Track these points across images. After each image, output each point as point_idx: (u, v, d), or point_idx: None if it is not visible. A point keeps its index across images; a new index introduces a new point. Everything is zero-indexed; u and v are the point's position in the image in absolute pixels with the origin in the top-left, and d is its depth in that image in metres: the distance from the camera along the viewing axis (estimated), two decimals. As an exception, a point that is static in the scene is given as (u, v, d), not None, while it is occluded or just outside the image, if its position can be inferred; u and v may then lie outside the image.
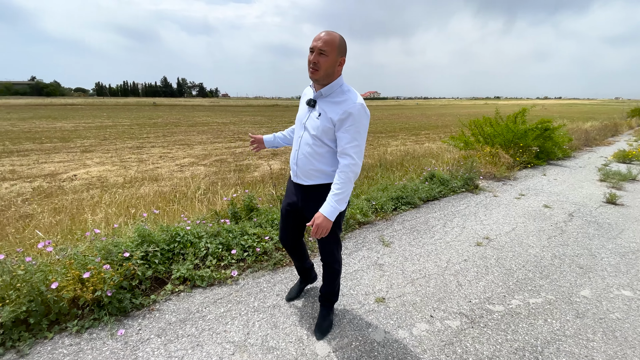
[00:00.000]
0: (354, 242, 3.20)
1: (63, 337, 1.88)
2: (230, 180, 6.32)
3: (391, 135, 16.17)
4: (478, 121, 7.62)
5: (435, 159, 7.28)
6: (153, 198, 4.76)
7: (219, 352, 1.80)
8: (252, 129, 17.96)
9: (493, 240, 3.28)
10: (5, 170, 7.83)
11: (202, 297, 2.27)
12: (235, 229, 2.88)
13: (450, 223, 3.74)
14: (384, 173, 6.20)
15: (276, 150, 11.25)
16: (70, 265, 2.01)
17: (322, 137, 1.59)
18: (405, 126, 21.67)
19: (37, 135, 14.02)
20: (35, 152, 10.25)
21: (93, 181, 6.79)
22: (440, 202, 4.50)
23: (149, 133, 15.53)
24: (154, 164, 8.63)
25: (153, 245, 2.42)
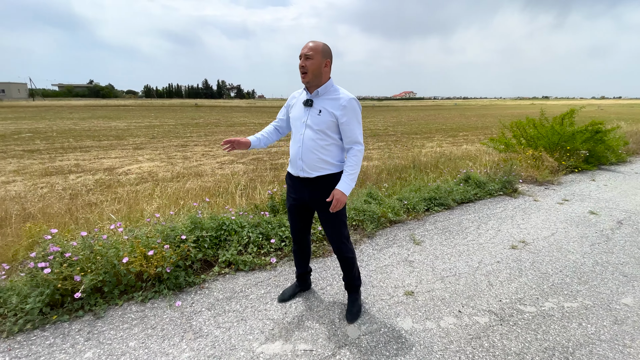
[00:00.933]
0: (385, 239, 3.31)
1: (130, 304, 2.21)
2: (266, 178, 6.66)
3: (426, 137, 15.82)
4: (520, 122, 7.31)
5: (472, 161, 7.11)
6: (198, 192, 5.19)
7: (261, 326, 2.02)
8: (287, 129, 18.49)
9: (529, 244, 3.22)
10: (71, 164, 8.83)
11: (244, 280, 2.52)
12: (273, 220, 3.12)
13: (484, 225, 3.71)
14: (417, 175, 6.19)
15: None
16: (137, 244, 2.34)
17: (326, 131, 1.82)
18: (441, 127, 21.04)
19: (96, 134, 15.53)
20: (95, 149, 11.41)
21: (145, 175, 7.47)
22: (476, 205, 4.44)
23: (192, 132, 16.57)
24: (198, 161, 9.25)
25: (204, 231, 2.72)
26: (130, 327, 2.00)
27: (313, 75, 1.77)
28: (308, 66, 1.75)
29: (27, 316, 1.96)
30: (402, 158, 9.24)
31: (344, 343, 1.89)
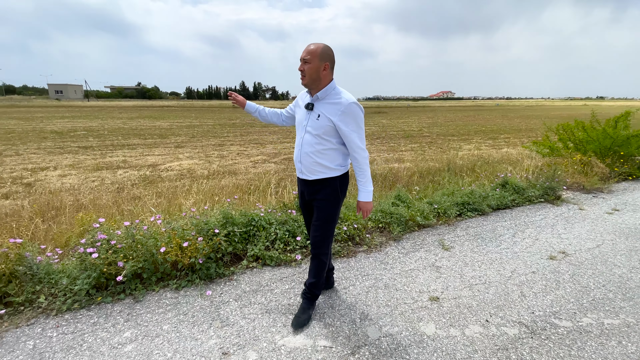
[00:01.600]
0: (412, 243, 3.25)
1: (166, 291, 2.39)
2: (295, 178, 6.78)
3: (464, 139, 15.19)
4: (568, 125, 6.79)
5: (513, 165, 6.73)
6: (232, 189, 5.42)
7: (284, 320, 2.09)
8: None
9: (570, 256, 3.00)
10: (119, 160, 9.59)
11: (270, 274, 2.61)
12: (300, 219, 3.19)
13: (521, 233, 3.51)
14: (452, 178, 5.98)
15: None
16: (174, 236, 2.52)
17: (324, 136, 1.81)
18: (481, 129, 20.07)
19: (142, 132, 16.71)
20: (140, 146, 12.28)
21: (184, 172, 7.93)
22: (513, 212, 4.21)
23: (229, 132, 17.28)
24: (233, 160, 9.64)
25: (234, 226, 2.85)
26: (165, 311, 2.16)
27: (311, 79, 1.77)
28: (306, 70, 1.75)
29: (75, 296, 2.19)
30: (436, 160, 8.97)
31: (364, 343, 1.91)
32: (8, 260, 2.22)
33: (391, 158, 10.33)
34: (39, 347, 1.82)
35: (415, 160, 9.65)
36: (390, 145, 13.19)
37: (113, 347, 1.84)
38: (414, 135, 16.89)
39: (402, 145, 13.18)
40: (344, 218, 3.39)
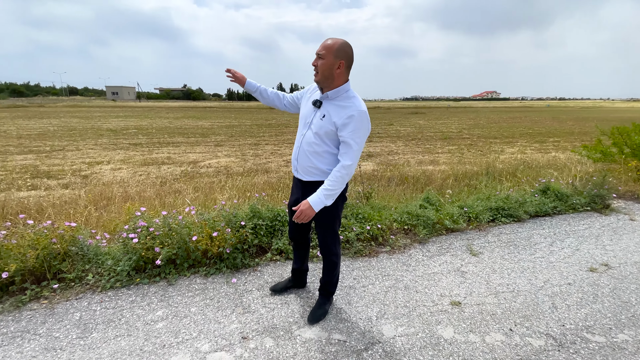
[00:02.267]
0: (438, 247, 3.17)
1: (196, 277, 2.57)
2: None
3: (507, 142, 14.33)
4: (624, 128, 6.17)
5: (559, 171, 6.26)
6: (262, 186, 5.63)
7: (301, 312, 2.16)
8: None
9: (613, 269, 2.76)
10: (164, 156, 10.31)
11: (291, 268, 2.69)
12: (324, 217, 3.25)
13: (559, 243, 3.28)
14: (490, 183, 5.71)
15: (372, 152, 11.46)
16: (205, 226, 2.70)
17: (324, 138, 1.70)
18: (527, 131, 18.79)
19: (186, 131, 17.79)
20: (183, 144, 13.09)
21: (221, 169, 8.35)
22: (553, 219, 3.94)
23: (265, 132, 17.83)
24: (266, 159, 9.96)
25: (260, 220, 2.99)
26: (194, 295, 2.33)
27: (323, 76, 1.65)
28: (319, 66, 1.63)
29: (117, 276, 2.44)
30: (474, 164, 8.59)
31: (378, 340, 1.92)
32: (63, 241, 2.52)
33: (425, 160, 10.05)
34: (84, 318, 2.07)
35: (452, 163, 9.31)
36: (426, 147, 12.82)
37: (146, 323, 2.03)
38: (453, 137, 16.24)
39: (439, 147, 12.75)
40: (368, 217, 3.39)
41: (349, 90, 1.72)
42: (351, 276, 2.61)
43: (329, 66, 1.63)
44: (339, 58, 1.63)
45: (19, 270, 2.27)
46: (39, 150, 10.73)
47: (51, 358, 1.74)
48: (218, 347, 1.85)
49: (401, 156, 10.90)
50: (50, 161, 9.24)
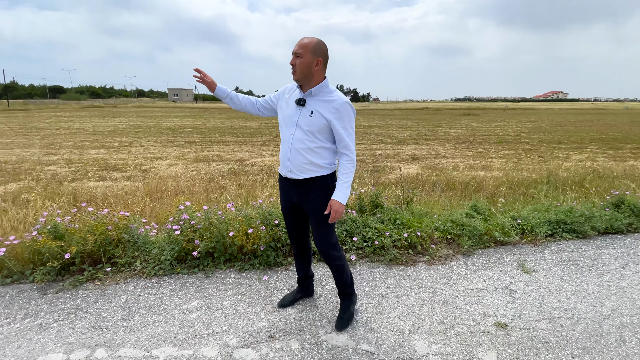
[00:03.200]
0: (484, 260, 2.91)
1: (231, 271, 2.64)
2: (365, 179, 6.71)
3: (574, 147, 12.83)
4: None
5: (638, 182, 5.43)
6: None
7: (329, 317, 2.11)
8: (396, 132, 18.04)
9: None
10: (214, 154, 10.93)
11: (324, 270, 2.65)
12: (359, 220, 3.16)
13: (634, 266, 2.81)
14: (551, 192, 5.14)
15: (416, 155, 11.00)
16: (242, 222, 2.77)
17: (316, 133, 1.73)
18: (600, 137, 16.65)
19: (235, 131, 18.72)
20: (232, 143, 13.78)
21: (264, 168, 8.62)
22: (627, 238, 3.40)
23: (308, 132, 18.11)
24: (308, 159, 10.10)
25: (294, 220, 2.99)
26: (227, 289, 2.40)
27: (302, 74, 1.69)
28: (297, 64, 1.67)
29: (161, 265, 2.60)
30: (533, 171, 7.83)
31: (409, 357, 1.79)
32: (117, 229, 2.76)
33: (476, 165, 9.39)
34: (129, 301, 2.23)
35: (506, 169, 8.57)
36: (478, 151, 11.99)
37: (182, 312, 2.13)
38: (509, 140, 14.98)
39: (493, 152, 11.84)
40: (407, 224, 3.23)
41: (329, 86, 1.78)
42: (385, 284, 2.49)
43: (307, 64, 1.67)
44: (317, 56, 1.68)
45: (79, 253, 2.53)
46: (109, 146, 12.02)
47: (97, 336, 1.90)
48: (245, 344, 1.87)
49: (449, 160, 10.31)
50: (117, 156, 10.29)
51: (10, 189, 5.63)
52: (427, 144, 13.84)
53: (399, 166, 8.95)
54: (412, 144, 13.89)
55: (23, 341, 1.84)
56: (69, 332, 1.92)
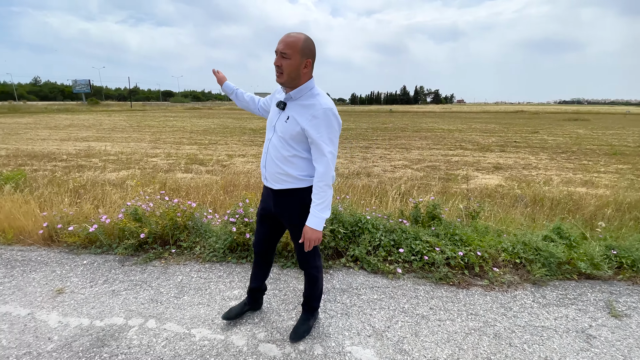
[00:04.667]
0: (560, 295, 2.43)
1: (274, 266, 2.74)
2: (432, 187, 6.26)
3: None
4: None
5: None
6: (360, 189, 5.59)
7: (359, 328, 2.02)
8: (480, 138, 16.37)
9: None
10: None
11: (364, 279, 2.56)
12: (410, 230, 2.96)
13: None
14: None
15: (500, 164, 9.82)
16: (286, 221, 2.86)
17: (290, 141, 1.57)
18: None
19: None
20: (303, 143, 14.37)
21: (329, 169, 8.77)
22: None
23: (378, 136, 17.72)
24: (373, 163, 9.87)
25: (340, 224, 2.96)
26: (267, 283, 2.50)
27: (289, 77, 1.52)
28: (284, 66, 1.49)
29: (215, 252, 2.85)
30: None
31: (439, 389, 1.60)
32: (184, 216, 3.12)
33: (576, 180, 7.95)
34: (183, 282, 2.50)
35: (616, 186, 7.05)
36: (582, 164, 10.14)
37: (223, 299, 2.30)
38: (627, 152, 12.28)
39: (601, 165, 9.89)
40: (466, 241, 2.90)
41: (314, 88, 1.59)
42: (428, 305, 2.28)
43: (296, 66, 1.50)
44: (306, 57, 1.50)
45: (152, 234, 2.94)
46: (200, 143, 13.72)
47: (152, 308, 2.18)
48: (271, 339, 1.92)
49: (541, 172, 8.95)
50: (205, 152, 11.66)
51: (120, 175, 6.87)
52: (516, 152, 12.25)
53: (475, 175, 8.14)
54: (497, 152, 12.46)
55: (97, 303, 2.23)
56: (132, 301, 2.25)
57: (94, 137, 14.76)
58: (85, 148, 11.37)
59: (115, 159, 9.48)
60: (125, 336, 1.93)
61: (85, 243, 3.00)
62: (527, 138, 16.82)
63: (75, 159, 9.25)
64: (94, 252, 2.92)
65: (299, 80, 1.55)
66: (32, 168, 7.68)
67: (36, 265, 2.73)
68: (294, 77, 1.53)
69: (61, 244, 3.05)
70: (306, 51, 1.50)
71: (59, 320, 2.06)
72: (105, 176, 6.65)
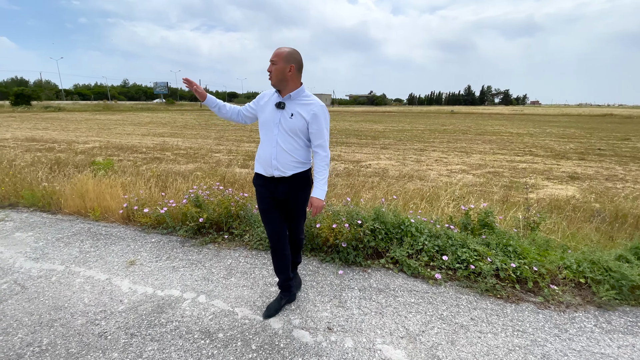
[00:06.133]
0: (629, 321, 2.13)
1: (314, 260, 2.85)
2: (492, 195, 5.83)
3: None
4: None
5: None
6: (411, 193, 5.44)
7: (392, 328, 2.02)
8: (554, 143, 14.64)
9: None
10: (335, 154, 11.67)
11: (402, 282, 2.53)
12: (456, 237, 2.83)
13: None
14: None
15: (580, 174, 8.71)
16: (329, 217, 2.95)
17: (298, 133, 1.92)
18: None
19: (360, 134, 19.36)
20: (354, 145, 14.33)
21: (379, 171, 8.64)
22: None
23: (435, 138, 16.89)
24: (427, 166, 9.48)
25: (383, 224, 2.95)
26: (306, 274, 2.62)
27: (277, 80, 1.87)
28: (272, 71, 1.85)
29: (261, 241, 3.05)
30: None
31: (471, 400, 1.54)
32: (237, 206, 3.39)
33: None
34: (232, 265, 2.73)
35: None
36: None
37: (265, 284, 2.47)
38: None
39: None
40: (521, 253, 2.69)
41: (305, 91, 1.96)
42: (469, 315, 2.18)
43: (281, 70, 1.85)
44: (289, 62, 1.84)
45: (209, 220, 3.26)
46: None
47: (203, 285, 2.44)
48: (305, 327, 2.02)
49: (628, 185, 7.75)
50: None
51: (188, 168, 7.64)
52: (599, 161, 10.74)
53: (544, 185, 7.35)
54: (575, 160, 11.06)
55: (159, 276, 2.55)
56: (187, 277, 2.54)
57: (168, 133, 16.56)
58: (161, 143, 12.82)
59: (185, 153, 10.54)
60: (180, 306, 2.20)
61: (154, 224, 3.44)
62: (614, 145, 14.59)
63: (152, 152, 10.50)
64: (160, 232, 3.33)
65: (286, 82, 1.89)
66: (118, 158, 8.93)
67: (115, 239, 3.21)
68: (281, 79, 1.88)
69: (135, 223, 3.55)
70: (290, 58, 1.85)
71: (129, 286, 2.42)
72: (175, 168, 7.46)
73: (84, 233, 3.36)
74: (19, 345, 1.86)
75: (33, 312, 2.14)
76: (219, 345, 1.87)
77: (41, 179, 4.89)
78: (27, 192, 4.24)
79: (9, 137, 12.99)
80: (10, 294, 2.33)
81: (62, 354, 1.80)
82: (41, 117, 27.09)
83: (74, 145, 11.17)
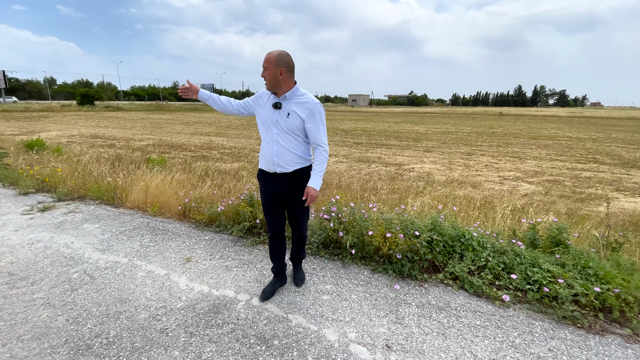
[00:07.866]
0: None
1: (365, 269, 2.73)
2: (555, 206, 5.30)
3: None
4: None
5: None
6: (462, 200, 5.11)
7: (459, 352, 1.85)
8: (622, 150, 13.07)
9: None
10: (375, 156, 11.41)
11: (464, 300, 2.33)
12: (525, 255, 2.56)
13: None
14: None
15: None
16: (381, 224, 2.82)
17: (295, 131, 2.02)
18: None
19: (400, 135, 18.81)
20: (395, 147, 13.93)
21: (423, 175, 8.28)
22: None
23: (484, 142, 15.90)
24: (477, 171, 8.91)
25: (441, 236, 2.76)
26: (358, 284, 2.51)
27: (270, 84, 1.96)
28: (266, 76, 1.95)
29: (310, 245, 3.00)
30: None
31: None
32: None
33: None
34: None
35: None
36: None
37: (317, 291, 2.41)
38: None
39: None
40: (604, 277, 2.36)
41: (300, 90, 2.03)
42: (546, 345, 1.93)
43: (272, 75, 1.93)
44: (279, 66, 1.92)
45: (261, 220, 3.28)
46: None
47: (256, 287, 2.43)
48: (362, 342, 1.92)
49: None
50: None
51: (233, 166, 7.88)
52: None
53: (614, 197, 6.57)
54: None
55: (214, 275, 2.60)
56: (240, 278, 2.56)
57: (214, 133, 17.34)
58: (207, 142, 13.43)
59: (230, 152, 10.92)
60: (235, 308, 2.20)
61: (207, 221, 3.54)
62: (700, 153, 12.71)
63: (200, 150, 11.01)
64: (213, 230, 3.42)
65: (279, 85, 1.97)
66: (169, 155, 9.48)
67: (172, 235, 3.35)
68: (274, 83, 1.96)
69: (189, 220, 3.68)
70: (279, 62, 1.92)
71: (186, 283, 2.49)
72: (221, 166, 7.74)
73: (144, 227, 3.55)
74: (88, 335, 1.96)
75: (101, 303, 2.26)
76: (275, 353, 1.83)
77: (105, 174, 5.30)
78: (94, 185, 4.60)
79: (75, 134, 14.38)
80: (81, 284, 2.49)
81: (128, 347, 1.87)
82: (103, 115, 29.79)
83: (131, 142, 12.07)
